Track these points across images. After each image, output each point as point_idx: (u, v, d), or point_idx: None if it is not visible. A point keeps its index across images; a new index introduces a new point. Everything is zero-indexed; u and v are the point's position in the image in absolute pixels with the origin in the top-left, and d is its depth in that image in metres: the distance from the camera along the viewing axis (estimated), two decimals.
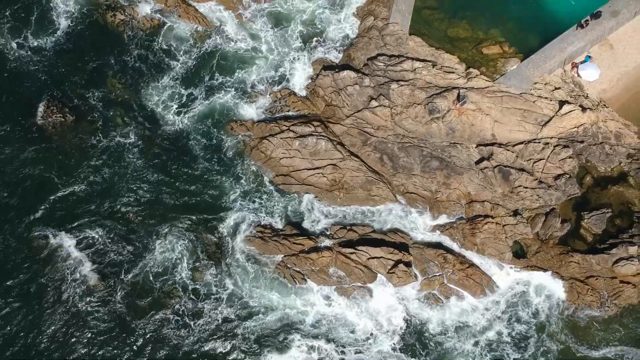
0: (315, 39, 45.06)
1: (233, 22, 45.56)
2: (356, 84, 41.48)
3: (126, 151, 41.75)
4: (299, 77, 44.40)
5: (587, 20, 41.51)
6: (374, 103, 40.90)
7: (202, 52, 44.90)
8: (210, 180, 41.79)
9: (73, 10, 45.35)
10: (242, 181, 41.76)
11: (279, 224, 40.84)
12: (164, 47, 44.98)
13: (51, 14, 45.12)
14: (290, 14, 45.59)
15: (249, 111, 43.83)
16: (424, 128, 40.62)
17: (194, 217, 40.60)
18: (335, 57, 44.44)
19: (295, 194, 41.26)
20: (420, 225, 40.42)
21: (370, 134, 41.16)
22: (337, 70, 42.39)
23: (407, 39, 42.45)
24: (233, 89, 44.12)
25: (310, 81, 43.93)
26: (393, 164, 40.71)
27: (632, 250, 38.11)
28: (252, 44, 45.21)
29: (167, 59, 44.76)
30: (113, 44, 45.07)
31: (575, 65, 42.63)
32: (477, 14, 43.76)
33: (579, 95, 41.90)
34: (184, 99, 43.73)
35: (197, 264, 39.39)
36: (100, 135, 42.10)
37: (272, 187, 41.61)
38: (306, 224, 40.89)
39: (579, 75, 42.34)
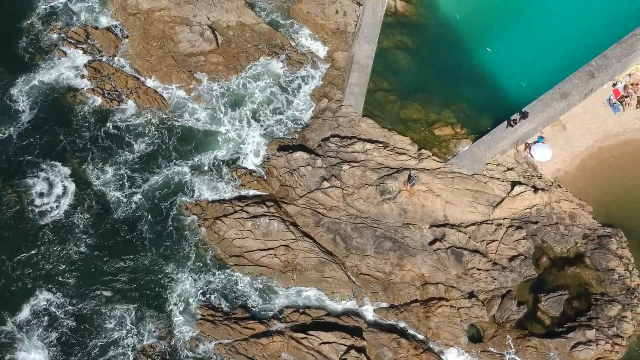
0: (271, 119, 45.53)
1: (191, 102, 46.12)
2: (309, 164, 41.56)
3: (75, 230, 41.46)
4: (255, 157, 44.53)
5: (515, 120, 41.64)
6: (325, 184, 40.83)
7: (159, 131, 45.14)
8: (161, 261, 41.14)
9: (34, 97, 45.75)
10: (195, 262, 41.14)
11: (230, 307, 39.87)
12: (122, 127, 45.25)
13: (14, 105, 45.45)
14: (247, 95, 46.20)
15: (205, 191, 43.68)
16: (375, 209, 40.37)
17: (143, 299, 39.90)
18: (291, 137, 44.74)
19: (248, 276, 40.49)
20: (374, 309, 39.53)
21: (323, 214, 40.85)
22: (290, 151, 42.60)
23: (360, 121, 42.92)
24: (189, 168, 44.15)
25: (266, 161, 44.06)
26: (346, 245, 40.18)
27: (590, 334, 37.15)
28: (210, 123, 45.57)
29: (124, 139, 44.96)
30: (73, 126, 45.34)
31: (528, 146, 42.96)
32: (429, 95, 44.45)
33: (533, 176, 41.97)
34: (139, 178, 43.65)
35: (144, 345, 38.47)
36: (50, 213, 41.90)
37: (224, 269, 40.92)
38: (258, 307, 39.94)
39: (531, 156, 42.60)
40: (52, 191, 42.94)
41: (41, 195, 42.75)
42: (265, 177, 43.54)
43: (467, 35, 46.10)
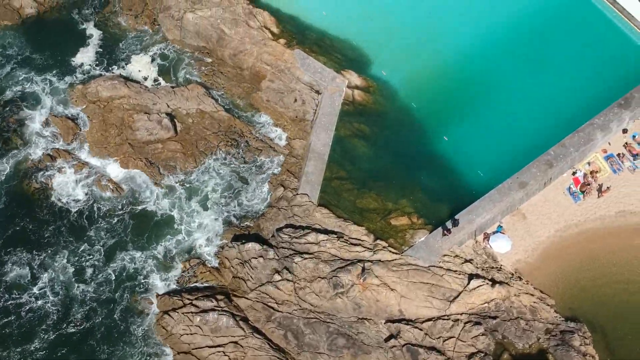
0: (227, 207, 44.66)
1: (147, 190, 45.41)
2: (260, 256, 40.36)
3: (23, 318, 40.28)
4: (209, 247, 43.43)
5: (449, 229, 40.44)
6: (277, 277, 39.48)
7: (113, 220, 44.24)
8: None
9: None
10: None
11: None
12: (76, 215, 44.39)
13: None
14: (204, 182, 45.54)
15: (157, 282, 42.36)
16: (329, 303, 38.84)
17: None
18: (246, 226, 43.76)
19: None
20: None
21: (275, 309, 39.28)
22: (243, 241, 41.47)
23: (315, 210, 42.05)
24: (143, 258, 43.03)
25: (219, 250, 42.87)
26: (298, 342, 38.36)
27: None
28: (165, 212, 44.75)
29: (78, 227, 44.03)
30: (26, 214, 44.56)
31: (487, 236, 41.97)
32: (386, 184, 43.78)
33: (492, 268, 40.71)
34: (90, 269, 42.51)
35: None
36: None
37: None
38: None
39: (490, 247, 41.53)
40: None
41: None
42: (218, 268, 42.24)
43: (425, 123, 46.05)
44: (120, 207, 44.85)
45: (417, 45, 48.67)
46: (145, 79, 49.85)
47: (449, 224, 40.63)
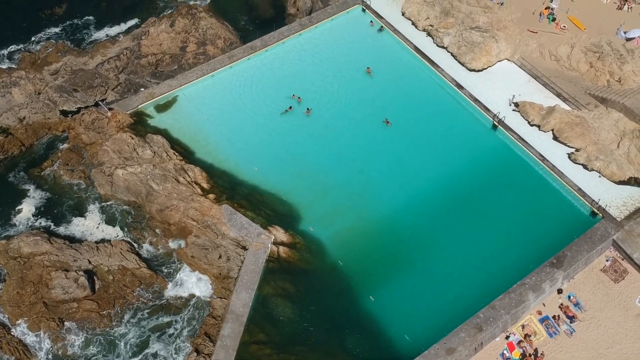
0: None
1: (56, 353, 42.58)
2: None
3: None
4: None
5: None
6: None
7: None
8: None
9: None
10: None
11: None
12: None
13: None
14: (119, 342, 42.76)
15: None
16: None
17: None
18: None
19: None
20: None
21: None
22: None
23: None
24: None
25: None
26: None
27: None
28: None
29: None
30: None
31: None
32: (308, 349, 40.93)
33: None
34: None
35: None
36: None
37: None
38: None
39: None
40: None
41: None
42: None
43: (351, 282, 44.12)
44: None
45: (347, 202, 48.15)
46: (72, 233, 48.86)
47: None
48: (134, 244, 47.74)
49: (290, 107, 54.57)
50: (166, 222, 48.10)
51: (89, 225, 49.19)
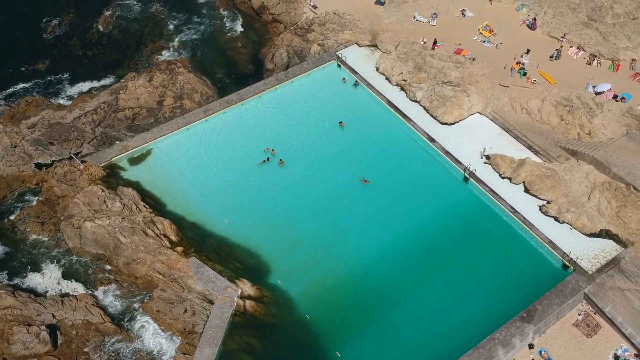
0: None
1: None
2: None
3: None
4: None
5: None
6: None
7: None
8: None
9: None
10: None
11: None
12: None
13: None
14: None
15: None
16: None
17: None
18: None
19: None
20: None
21: None
22: None
23: None
24: None
25: None
26: None
27: None
28: None
29: None
30: None
31: None
32: None
33: None
34: None
35: None
36: None
37: None
38: None
39: None
40: None
41: None
42: None
43: (319, 337, 43.13)
44: None
45: (318, 254, 47.60)
46: (37, 287, 48.11)
47: None
48: (99, 298, 46.94)
49: (268, 159, 54.82)
50: (133, 275, 47.43)
51: (55, 278, 48.49)
